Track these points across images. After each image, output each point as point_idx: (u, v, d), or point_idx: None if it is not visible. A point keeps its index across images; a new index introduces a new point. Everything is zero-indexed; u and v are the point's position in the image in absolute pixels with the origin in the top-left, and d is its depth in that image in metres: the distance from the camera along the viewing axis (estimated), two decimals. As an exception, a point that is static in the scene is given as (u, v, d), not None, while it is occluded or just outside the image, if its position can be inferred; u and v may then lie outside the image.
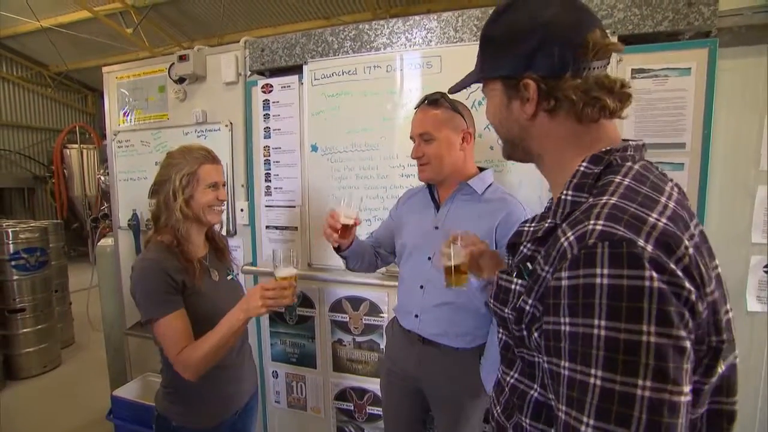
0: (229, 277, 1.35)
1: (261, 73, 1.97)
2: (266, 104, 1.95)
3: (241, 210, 2.09)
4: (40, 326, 3.39)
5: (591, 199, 0.55)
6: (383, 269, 1.67)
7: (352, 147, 1.78)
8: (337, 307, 1.89)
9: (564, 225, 0.54)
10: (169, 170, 1.19)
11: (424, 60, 1.63)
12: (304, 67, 1.82)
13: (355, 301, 1.85)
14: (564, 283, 0.49)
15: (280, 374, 2.05)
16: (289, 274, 1.11)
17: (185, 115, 2.15)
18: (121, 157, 2.38)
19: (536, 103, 0.61)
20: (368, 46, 1.71)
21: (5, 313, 3.25)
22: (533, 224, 0.67)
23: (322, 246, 1.88)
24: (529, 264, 0.61)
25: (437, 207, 1.32)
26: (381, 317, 1.82)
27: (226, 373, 1.26)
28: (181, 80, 2.10)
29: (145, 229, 2.32)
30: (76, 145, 7.69)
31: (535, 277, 0.57)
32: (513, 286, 0.62)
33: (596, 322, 0.46)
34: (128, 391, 2.26)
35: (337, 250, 1.35)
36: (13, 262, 3.24)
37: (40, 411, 2.90)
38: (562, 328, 0.49)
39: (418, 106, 1.29)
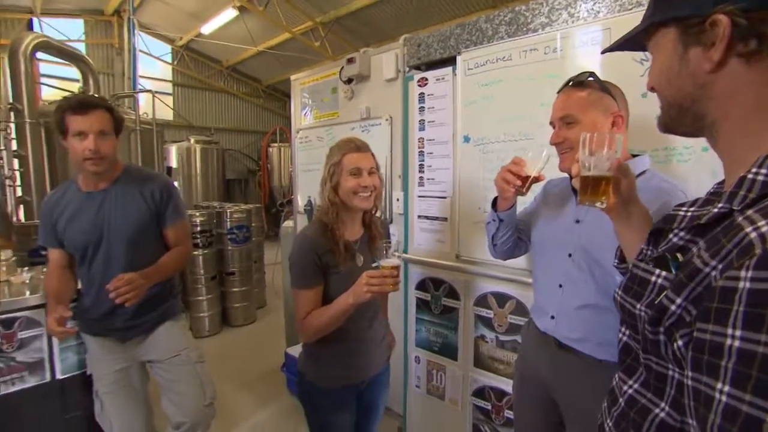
0: (374, 264, 1.45)
1: (417, 67, 2.04)
2: (421, 97, 2.01)
3: (397, 200, 2.21)
4: (244, 288, 4.26)
5: None
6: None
7: (505, 137, 1.70)
8: (482, 301, 1.85)
9: (751, 212, 0.42)
10: (325, 161, 1.36)
11: (589, 36, 1.44)
12: (457, 58, 1.82)
13: (501, 298, 1.78)
14: (743, 285, 0.38)
15: (421, 360, 2.12)
16: (391, 264, 1.17)
17: (352, 112, 2.39)
18: (301, 152, 2.79)
19: (726, 46, 0.47)
20: (525, 29, 1.60)
21: (223, 275, 4.18)
22: (693, 208, 0.53)
23: (471, 238, 1.86)
24: (679, 255, 0.49)
25: None
26: (527, 319, 1.70)
27: (354, 345, 1.38)
28: (349, 81, 2.34)
29: (316, 215, 2.68)
30: (277, 144, 9.31)
31: (689, 271, 0.45)
32: (653, 278, 0.51)
33: None
34: (297, 351, 2.64)
35: (495, 207, 1.26)
36: (229, 236, 4.15)
37: (240, 354, 3.65)
38: (728, 342, 0.38)
39: (561, 90, 1.15)
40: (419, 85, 2.01)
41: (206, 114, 10.40)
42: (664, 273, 0.50)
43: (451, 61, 1.87)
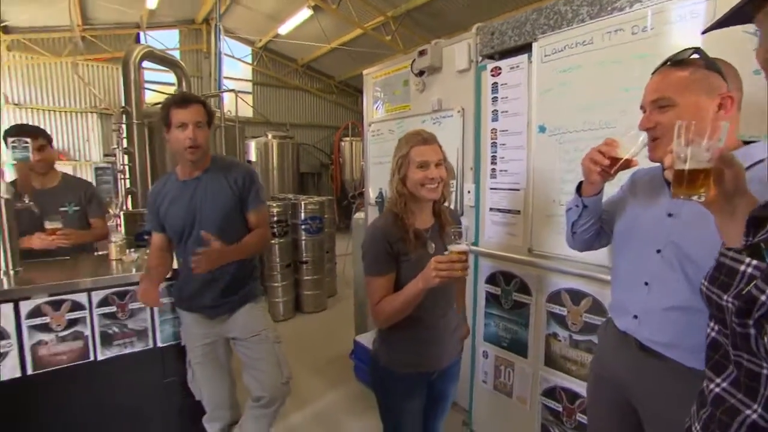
0: (446, 252, 1.45)
1: (491, 56, 2.00)
2: (495, 87, 1.97)
3: (468, 192, 2.19)
4: (316, 277, 4.48)
5: None
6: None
7: (584, 126, 1.61)
8: (555, 298, 1.78)
9: None
10: (394, 153, 1.39)
11: (687, 10, 1.31)
12: (533, 44, 1.75)
13: (576, 295, 1.69)
14: None
15: (489, 355, 2.09)
16: (460, 249, 1.17)
17: (423, 105, 2.39)
18: (373, 144, 2.85)
19: None
20: (609, 9, 1.50)
21: (297, 263, 4.42)
22: None
23: (545, 231, 1.79)
24: None
25: None
26: (605, 318, 1.60)
27: (427, 333, 1.40)
28: (420, 73, 2.34)
29: (386, 206, 2.73)
30: (348, 138, 9.58)
31: None
32: (742, 267, 0.47)
33: None
34: (366, 339, 2.74)
35: (580, 192, 1.19)
36: (303, 226, 4.37)
37: (311, 339, 3.84)
38: None
39: (656, 70, 1.04)
40: (492, 75, 1.96)
41: (282, 110, 10.97)
42: (754, 262, 0.46)
43: (526, 49, 1.80)
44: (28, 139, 1.92)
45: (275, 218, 4.09)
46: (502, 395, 2.04)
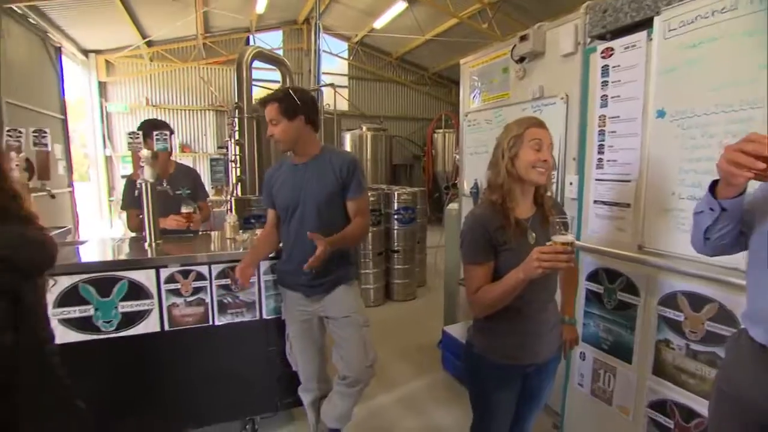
0: (548, 243, 1.39)
1: (601, 37, 1.84)
2: (605, 70, 1.81)
3: (570, 183, 2.06)
4: (406, 266, 4.57)
5: None
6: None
7: (717, 108, 1.42)
8: (669, 301, 1.60)
9: None
10: (502, 136, 1.35)
11: None
12: (654, 19, 1.57)
13: (697, 300, 1.50)
14: None
15: (587, 357, 1.95)
16: (564, 240, 1.11)
17: (524, 92, 2.29)
18: (468, 135, 2.81)
19: None
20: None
21: (389, 252, 4.54)
22: None
23: (660, 227, 1.62)
24: None
25: None
26: (736, 330, 1.40)
27: (525, 325, 1.36)
28: (521, 59, 2.24)
29: (482, 196, 2.68)
30: (441, 130, 9.54)
31: None
32: None
33: None
34: (454, 330, 2.74)
35: (714, 194, 1.00)
36: (396, 216, 4.48)
37: (400, 326, 3.94)
38: None
39: None
40: (603, 57, 1.81)
41: (376, 103, 11.24)
42: None
43: (645, 25, 1.63)
44: (167, 132, 2.24)
45: (370, 207, 4.23)
46: (600, 401, 1.90)
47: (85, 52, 8.58)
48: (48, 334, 1.06)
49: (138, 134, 2.18)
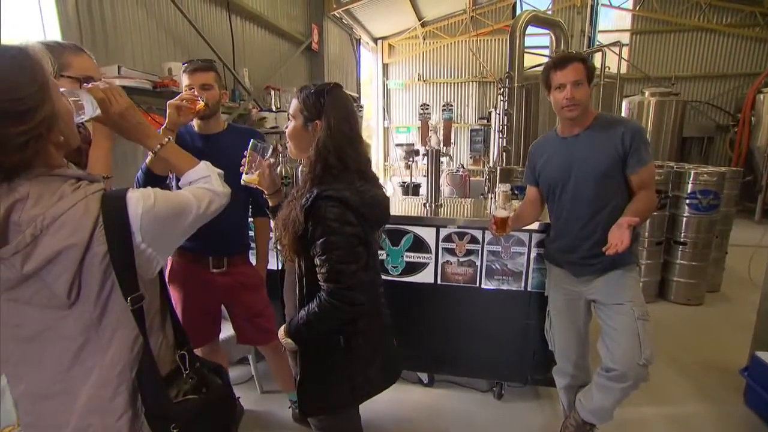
0: None
1: None
2: None
3: None
4: (693, 263, 3.68)
5: None
6: None
7: None
8: None
9: None
10: None
11: None
12: None
13: None
14: None
15: None
16: None
17: None
18: None
19: None
20: None
21: (671, 242, 3.76)
22: None
23: None
24: None
25: None
26: None
27: None
28: None
29: None
30: (768, 90, 7.02)
31: None
32: None
33: None
34: (775, 358, 2.05)
35: None
36: (688, 200, 3.62)
37: (676, 333, 3.23)
38: None
39: None
40: None
41: (667, 62, 9.18)
42: None
43: None
44: (451, 105, 2.43)
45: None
46: None
47: (375, 40, 10.52)
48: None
49: (428, 105, 2.45)
